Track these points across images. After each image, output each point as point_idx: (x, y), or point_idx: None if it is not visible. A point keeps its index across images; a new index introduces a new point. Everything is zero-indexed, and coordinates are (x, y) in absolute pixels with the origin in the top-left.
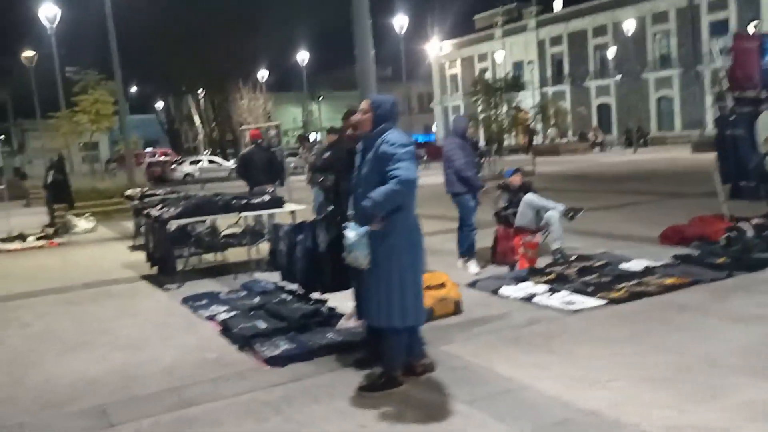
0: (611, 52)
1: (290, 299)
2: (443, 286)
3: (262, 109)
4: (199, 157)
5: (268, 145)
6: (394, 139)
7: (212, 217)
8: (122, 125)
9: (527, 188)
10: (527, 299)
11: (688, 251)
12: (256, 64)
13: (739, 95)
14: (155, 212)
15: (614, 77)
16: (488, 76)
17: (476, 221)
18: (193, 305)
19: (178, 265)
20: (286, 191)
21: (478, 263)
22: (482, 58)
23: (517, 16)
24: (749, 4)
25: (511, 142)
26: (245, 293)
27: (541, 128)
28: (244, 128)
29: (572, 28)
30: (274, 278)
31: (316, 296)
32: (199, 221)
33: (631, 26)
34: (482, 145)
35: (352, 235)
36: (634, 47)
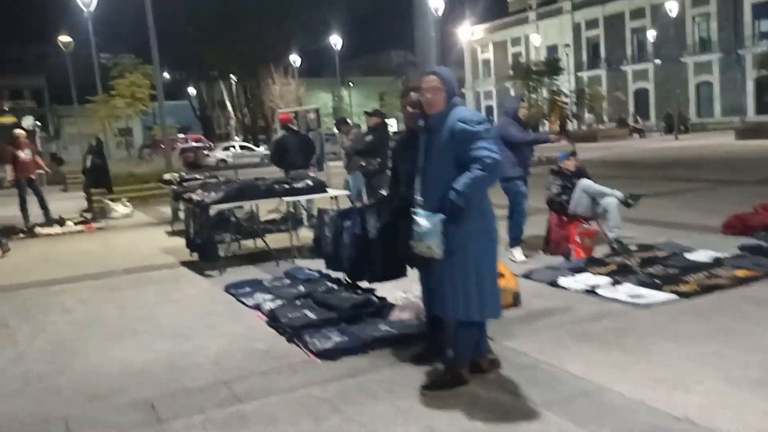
0: (649, 35)
1: (336, 288)
2: (501, 276)
3: (294, 94)
4: (231, 142)
5: (306, 128)
6: (468, 116)
7: (251, 202)
8: (160, 110)
9: (582, 173)
10: (589, 291)
11: (754, 242)
12: (287, 49)
13: None
14: (196, 197)
15: (652, 61)
16: (522, 60)
17: (527, 208)
18: (236, 293)
19: (218, 251)
20: (324, 176)
21: (524, 252)
22: (515, 42)
23: None
24: None
25: (545, 128)
26: (289, 281)
27: (577, 114)
28: (282, 111)
29: (609, 10)
30: (317, 265)
31: (363, 285)
32: (237, 206)
33: (670, 9)
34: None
35: (424, 222)
36: (672, 30)
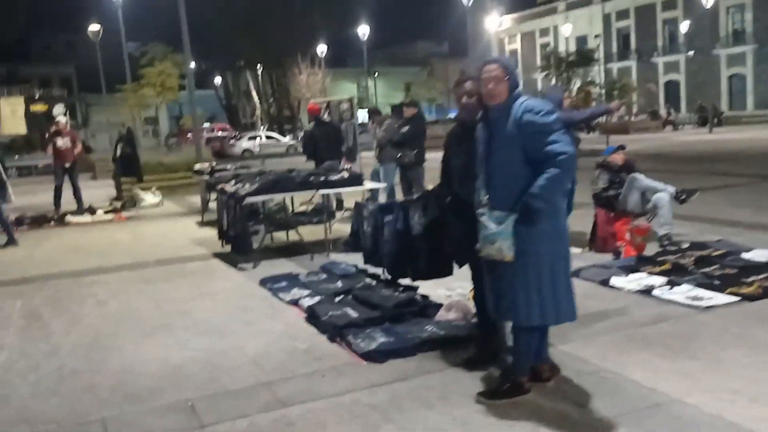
0: (682, 26)
1: (375, 284)
2: None
3: (320, 84)
4: (256, 132)
5: (339, 119)
6: (537, 106)
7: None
8: (191, 99)
9: (630, 167)
10: (645, 292)
11: None
12: (314, 39)
13: None
14: (230, 188)
15: (684, 53)
16: (550, 51)
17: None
18: (272, 287)
19: (253, 244)
20: (357, 168)
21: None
22: (544, 33)
23: None
24: None
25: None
26: (326, 276)
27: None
28: (313, 101)
29: (640, 1)
30: (352, 260)
31: (404, 282)
32: (268, 198)
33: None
34: None
35: (492, 224)
36: (705, 22)
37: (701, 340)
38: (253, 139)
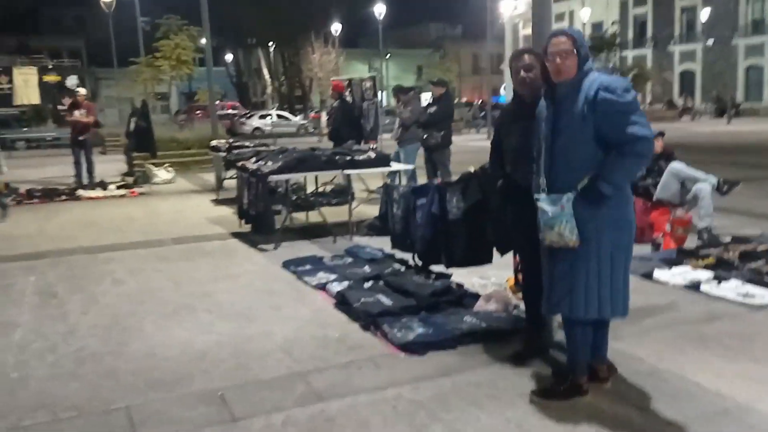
0: (703, 14)
1: (404, 270)
2: None
3: (333, 64)
4: (267, 111)
5: (361, 97)
6: (614, 83)
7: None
8: (209, 75)
9: (669, 155)
10: (692, 287)
11: None
12: (327, 17)
13: None
14: (252, 165)
15: (702, 42)
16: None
17: None
18: (296, 270)
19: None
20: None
21: None
22: (559, 17)
23: None
24: None
25: None
26: (351, 260)
27: None
28: (335, 79)
29: None
30: (377, 243)
31: (435, 269)
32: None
33: None
34: None
35: (550, 207)
36: (724, 11)
37: (761, 340)
38: (263, 117)
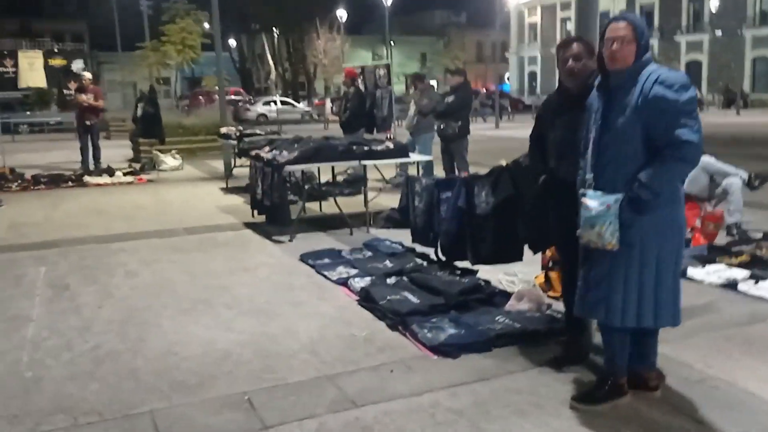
0: (709, 5)
1: (427, 266)
2: None
3: (338, 50)
4: (271, 97)
5: (374, 85)
6: (671, 78)
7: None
8: (218, 60)
9: None
10: (729, 286)
11: None
12: (332, 3)
13: None
14: (266, 155)
15: (709, 32)
16: (570, 27)
17: None
18: (314, 264)
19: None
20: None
21: None
22: (565, 6)
23: None
24: None
25: None
26: (371, 254)
27: None
28: (348, 66)
29: None
30: (396, 236)
31: (460, 265)
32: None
33: None
34: None
35: (594, 204)
36: (731, 1)
37: None
38: (268, 104)
